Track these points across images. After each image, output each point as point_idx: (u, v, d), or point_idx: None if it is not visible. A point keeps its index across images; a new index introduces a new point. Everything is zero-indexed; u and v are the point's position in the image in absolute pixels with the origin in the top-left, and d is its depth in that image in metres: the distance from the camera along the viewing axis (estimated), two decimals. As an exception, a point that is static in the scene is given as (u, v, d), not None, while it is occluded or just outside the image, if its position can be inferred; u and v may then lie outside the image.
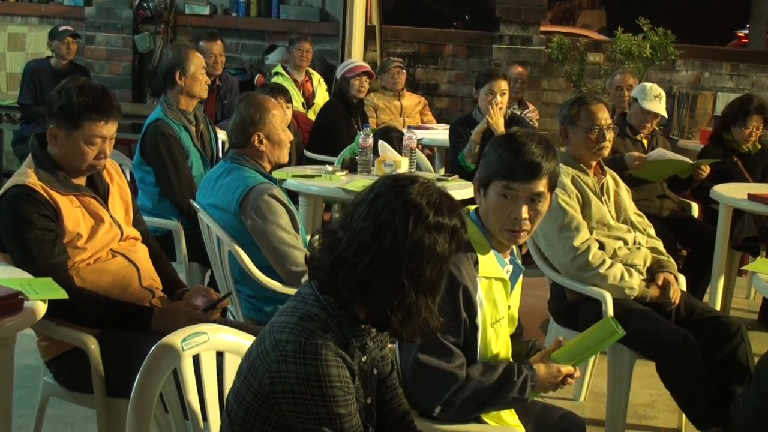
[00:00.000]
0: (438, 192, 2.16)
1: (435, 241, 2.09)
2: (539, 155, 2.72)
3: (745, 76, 9.32)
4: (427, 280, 2.10)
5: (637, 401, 4.68)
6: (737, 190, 5.45)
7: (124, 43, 9.41)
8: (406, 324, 2.12)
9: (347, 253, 2.11)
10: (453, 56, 9.53)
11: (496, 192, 2.74)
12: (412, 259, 2.07)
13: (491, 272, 2.75)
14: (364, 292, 2.09)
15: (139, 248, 3.45)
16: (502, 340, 2.81)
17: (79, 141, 3.19)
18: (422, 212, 2.09)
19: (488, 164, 2.77)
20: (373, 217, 2.11)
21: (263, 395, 2.07)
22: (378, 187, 2.17)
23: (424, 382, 2.61)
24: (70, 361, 3.22)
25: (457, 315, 2.63)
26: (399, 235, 2.07)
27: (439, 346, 2.61)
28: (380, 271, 2.08)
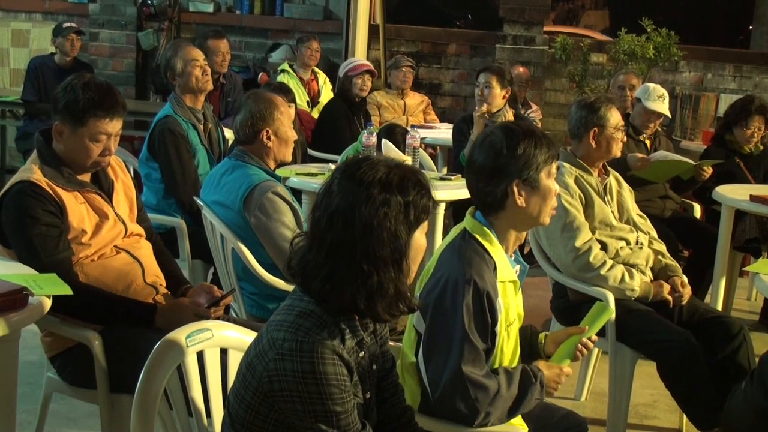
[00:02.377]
0: (386, 167, 2.15)
1: (385, 219, 2.09)
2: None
3: (748, 77, 9.33)
4: (385, 258, 2.11)
5: (638, 401, 4.69)
6: (739, 192, 5.45)
7: (127, 40, 9.41)
8: (373, 305, 2.13)
9: (310, 248, 2.14)
10: (456, 56, 9.54)
11: (548, 176, 2.77)
12: (364, 241, 2.09)
13: (507, 276, 2.78)
14: (331, 282, 2.11)
15: (143, 245, 3.46)
16: (513, 341, 2.82)
17: (84, 138, 3.20)
18: (369, 191, 2.10)
19: (524, 159, 2.72)
20: (326, 207, 2.13)
21: (262, 393, 2.08)
22: (332, 176, 2.19)
23: (466, 395, 2.62)
24: (74, 357, 3.23)
25: (485, 321, 2.66)
26: (348, 220, 2.09)
27: (477, 356, 2.63)
28: (338, 259, 2.10)
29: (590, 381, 4.76)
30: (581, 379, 4.75)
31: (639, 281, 3.99)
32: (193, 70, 5.02)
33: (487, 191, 2.76)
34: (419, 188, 2.17)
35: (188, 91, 5.04)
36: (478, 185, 2.79)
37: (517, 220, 2.80)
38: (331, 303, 2.13)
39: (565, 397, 4.69)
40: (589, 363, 4.72)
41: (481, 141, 2.79)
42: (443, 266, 2.73)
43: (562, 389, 4.60)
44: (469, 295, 2.62)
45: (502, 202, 2.75)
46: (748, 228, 5.94)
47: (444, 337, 2.65)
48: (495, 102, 6.21)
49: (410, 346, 2.79)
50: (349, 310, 2.15)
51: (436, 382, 2.65)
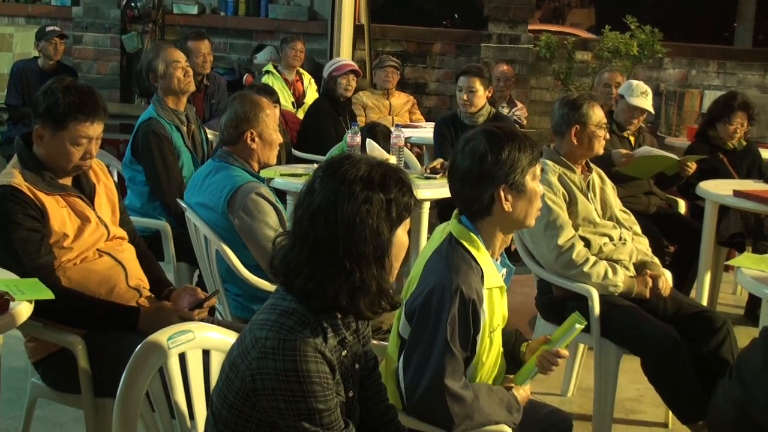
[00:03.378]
0: (368, 164, 2.16)
1: (367, 216, 2.10)
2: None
3: (732, 73, 9.37)
4: (367, 255, 2.11)
5: (624, 396, 4.70)
6: (723, 187, 5.48)
7: (111, 43, 9.39)
8: (356, 302, 2.13)
9: (293, 246, 2.15)
10: (442, 55, 9.56)
11: (533, 179, 2.77)
12: (346, 238, 2.09)
13: (494, 282, 2.77)
14: (314, 280, 2.11)
15: (125, 248, 3.46)
16: (495, 348, 2.82)
17: (65, 141, 3.20)
18: (351, 188, 2.10)
19: (509, 164, 2.71)
20: (308, 205, 2.14)
21: (245, 393, 2.08)
22: (314, 174, 2.20)
23: (444, 406, 2.62)
24: (58, 361, 3.22)
25: (468, 331, 2.65)
26: (330, 217, 2.10)
27: (456, 367, 2.62)
28: (321, 257, 2.11)
29: (576, 377, 4.77)
30: (567, 375, 4.77)
31: (622, 277, 4.00)
32: (174, 72, 5.01)
33: (472, 198, 2.74)
34: (401, 186, 2.18)
35: (171, 93, 5.03)
36: (463, 192, 2.77)
37: (503, 224, 2.79)
38: (314, 301, 2.13)
39: (552, 393, 4.71)
40: (575, 359, 4.73)
41: (463, 146, 2.77)
42: (431, 273, 2.71)
43: (548, 385, 4.65)
44: (455, 306, 2.61)
45: (488, 208, 2.74)
46: (732, 223, 5.96)
47: (425, 345, 2.64)
48: (479, 103, 6.22)
49: (395, 351, 2.78)
50: (331, 307, 2.15)
51: (412, 388, 2.66)
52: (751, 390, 2.47)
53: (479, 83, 6.20)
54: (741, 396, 2.49)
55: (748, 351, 2.56)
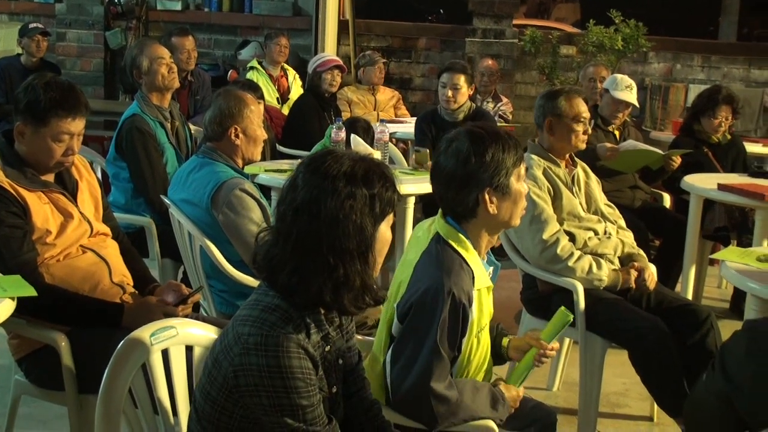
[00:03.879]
0: (351, 160, 2.15)
1: (350, 211, 2.09)
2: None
3: (717, 67, 9.41)
4: (351, 251, 2.11)
5: (609, 390, 4.71)
6: (707, 181, 5.49)
7: (95, 40, 9.35)
8: (340, 297, 2.13)
9: (276, 242, 2.15)
10: (426, 50, 9.56)
11: (518, 179, 2.75)
12: (330, 234, 2.09)
13: (483, 283, 2.76)
14: (298, 276, 2.10)
15: (109, 244, 3.44)
16: (482, 347, 2.81)
17: (47, 138, 3.18)
18: (334, 184, 2.10)
19: (493, 166, 2.68)
20: (291, 201, 2.13)
21: (228, 389, 2.08)
22: (297, 170, 2.19)
23: (428, 407, 2.61)
24: (41, 358, 3.20)
25: (456, 331, 2.64)
26: (314, 213, 2.09)
27: (443, 369, 2.62)
28: (305, 252, 2.10)
29: (562, 371, 4.78)
30: (553, 369, 4.77)
31: (607, 271, 4.01)
32: (159, 68, 5.00)
33: (457, 201, 2.72)
34: (384, 181, 2.17)
35: (155, 90, 5.01)
36: (447, 194, 2.74)
37: (488, 226, 2.78)
38: (298, 297, 2.12)
39: (538, 387, 4.72)
40: (561, 353, 4.73)
41: (447, 147, 2.73)
42: (422, 275, 2.69)
43: (534, 380, 4.65)
44: (446, 309, 2.60)
45: (473, 210, 2.72)
46: (717, 217, 5.98)
47: (414, 345, 2.63)
48: (462, 100, 6.22)
49: (380, 349, 2.77)
50: (315, 303, 2.14)
51: (398, 384, 2.66)
52: (735, 381, 2.47)
53: (464, 80, 6.20)
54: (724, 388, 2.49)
55: (730, 342, 2.56)
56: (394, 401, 2.66)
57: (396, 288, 2.75)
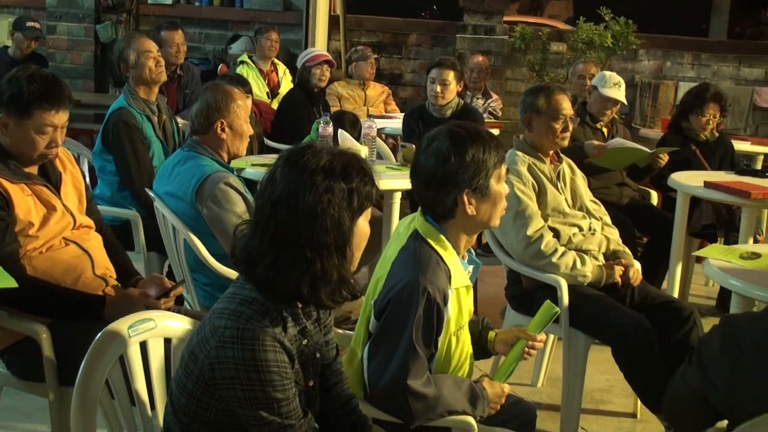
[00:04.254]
0: (330, 154, 2.16)
1: (328, 205, 2.10)
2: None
3: (707, 65, 9.42)
4: (328, 245, 2.11)
5: (593, 386, 4.73)
6: (694, 178, 5.50)
7: (86, 33, 9.34)
8: (317, 291, 2.13)
9: (254, 235, 2.15)
10: (417, 46, 9.56)
11: (498, 180, 2.74)
12: (308, 228, 2.09)
13: (460, 282, 2.75)
14: (275, 270, 2.11)
15: (92, 236, 3.43)
16: (462, 345, 2.80)
17: (30, 130, 3.17)
18: (312, 178, 2.10)
19: (473, 167, 2.67)
20: (269, 195, 2.13)
21: (204, 382, 2.08)
22: (275, 163, 2.19)
23: (405, 404, 2.61)
24: (22, 350, 3.19)
25: (431, 329, 2.63)
26: (292, 206, 2.09)
27: (420, 366, 2.61)
28: (282, 246, 2.11)
29: (546, 367, 4.79)
30: (537, 366, 4.79)
31: (591, 267, 4.01)
32: (146, 62, 4.99)
33: (435, 201, 2.71)
34: (362, 175, 2.17)
35: (142, 83, 5.01)
36: (426, 194, 2.73)
37: (466, 227, 2.77)
38: (275, 290, 2.12)
39: (522, 383, 4.73)
40: (545, 349, 4.75)
41: (427, 146, 2.72)
42: (399, 272, 2.68)
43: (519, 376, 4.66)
44: (421, 307, 2.59)
45: (451, 211, 2.71)
46: (704, 214, 5.98)
47: (390, 342, 2.62)
48: (450, 96, 6.21)
49: (359, 345, 2.77)
50: (292, 297, 2.15)
51: (375, 381, 2.65)
52: (710, 376, 2.47)
53: (453, 76, 6.20)
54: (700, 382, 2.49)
55: (707, 337, 2.57)
56: (371, 397, 2.66)
57: (374, 284, 2.74)
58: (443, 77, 6.17)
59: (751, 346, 2.38)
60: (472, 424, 2.65)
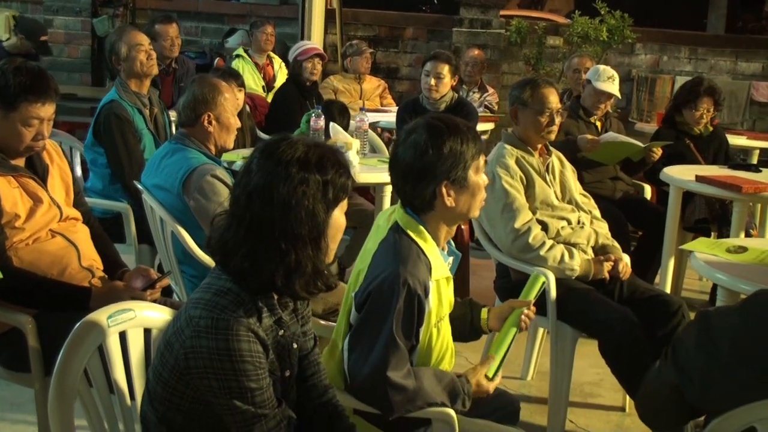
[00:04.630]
0: (305, 146, 2.16)
1: (303, 197, 2.10)
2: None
3: (703, 59, 9.42)
4: (303, 236, 2.12)
5: (583, 380, 4.74)
6: (686, 172, 5.50)
7: (82, 27, 9.34)
8: (291, 282, 2.14)
9: (230, 226, 2.16)
10: (413, 39, 9.57)
11: (477, 172, 2.73)
12: (282, 219, 2.10)
13: (441, 274, 2.75)
14: (250, 260, 2.12)
15: (79, 228, 3.45)
16: (442, 337, 2.80)
17: (17, 123, 3.18)
18: (287, 169, 2.11)
19: (451, 159, 2.67)
20: (245, 185, 2.15)
21: (179, 371, 2.09)
22: (252, 155, 2.20)
23: (384, 396, 2.60)
24: (8, 341, 3.21)
25: (411, 321, 2.63)
26: (266, 198, 2.10)
27: (400, 358, 2.60)
28: (257, 237, 2.11)
29: (536, 360, 4.80)
30: (527, 359, 4.79)
31: (579, 261, 4.02)
32: (137, 55, 5.00)
33: (414, 193, 2.71)
34: (338, 167, 2.18)
35: (133, 76, 5.03)
36: (404, 187, 2.72)
37: (446, 218, 2.77)
38: (250, 281, 2.13)
39: (512, 376, 4.74)
40: (535, 342, 4.76)
41: (405, 138, 2.72)
42: (379, 265, 2.68)
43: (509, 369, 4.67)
44: (401, 299, 2.59)
45: (430, 203, 2.71)
46: (697, 208, 5.99)
47: (370, 334, 2.62)
48: (444, 90, 6.22)
49: (340, 336, 2.78)
50: (267, 287, 2.16)
51: (354, 373, 2.66)
52: (686, 372, 2.48)
53: (447, 70, 6.21)
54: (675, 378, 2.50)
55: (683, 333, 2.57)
56: (351, 388, 2.67)
57: (355, 276, 2.75)
58: (438, 70, 6.18)
59: (725, 341, 2.38)
60: (452, 416, 2.66)
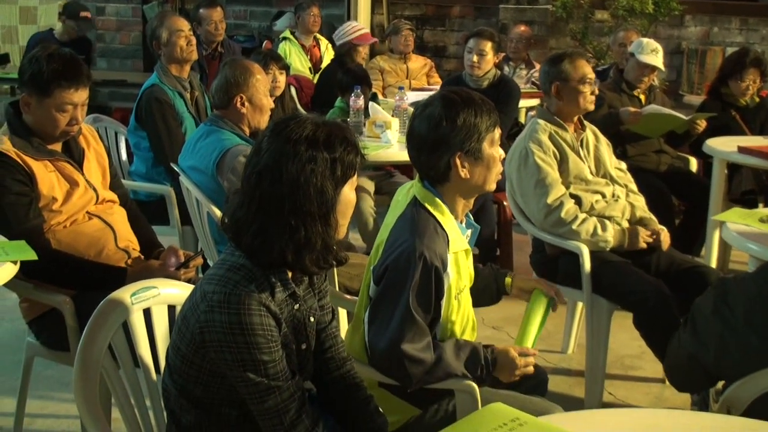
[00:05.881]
0: (314, 124, 2.20)
1: (311, 175, 2.14)
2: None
3: (755, 30, 9.25)
4: (312, 213, 2.16)
5: (625, 353, 4.74)
6: (729, 144, 5.45)
7: (133, 14, 9.50)
8: (301, 258, 2.18)
9: (242, 204, 2.21)
10: (460, 18, 9.55)
11: (491, 144, 2.74)
12: (291, 197, 2.14)
13: (459, 246, 2.78)
14: (261, 237, 2.16)
15: (116, 210, 3.54)
16: (463, 309, 2.83)
17: (51, 108, 3.27)
18: (295, 148, 2.15)
19: (465, 130, 2.68)
20: (255, 164, 2.19)
21: (195, 345, 2.15)
22: (262, 134, 2.25)
23: (402, 368, 2.64)
24: (49, 321, 3.32)
25: (429, 294, 2.66)
26: (275, 176, 2.14)
27: (417, 331, 2.64)
28: (267, 214, 2.16)
29: (576, 334, 4.81)
30: (567, 332, 4.81)
31: (612, 232, 4.02)
32: (177, 40, 5.09)
33: (429, 165, 2.74)
34: (346, 145, 2.22)
35: (173, 61, 5.12)
36: (420, 158, 2.76)
37: (461, 190, 2.79)
38: (261, 257, 2.19)
39: (552, 350, 4.77)
40: (574, 316, 4.76)
41: (421, 111, 2.75)
42: (397, 239, 2.71)
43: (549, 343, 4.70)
44: (417, 272, 2.62)
45: (445, 174, 2.73)
46: (744, 180, 5.93)
47: (388, 308, 2.66)
48: (487, 67, 6.22)
49: (362, 310, 2.82)
50: (278, 263, 2.21)
51: (373, 347, 2.70)
52: (701, 338, 2.49)
53: (490, 47, 6.19)
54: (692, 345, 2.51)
55: (701, 300, 2.58)
56: (371, 361, 2.72)
57: (375, 251, 2.79)
58: (480, 47, 6.18)
59: (740, 308, 2.39)
60: (474, 387, 2.69)
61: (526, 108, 7.41)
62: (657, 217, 4.28)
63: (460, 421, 2.19)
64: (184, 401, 2.23)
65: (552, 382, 3.59)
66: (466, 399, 2.70)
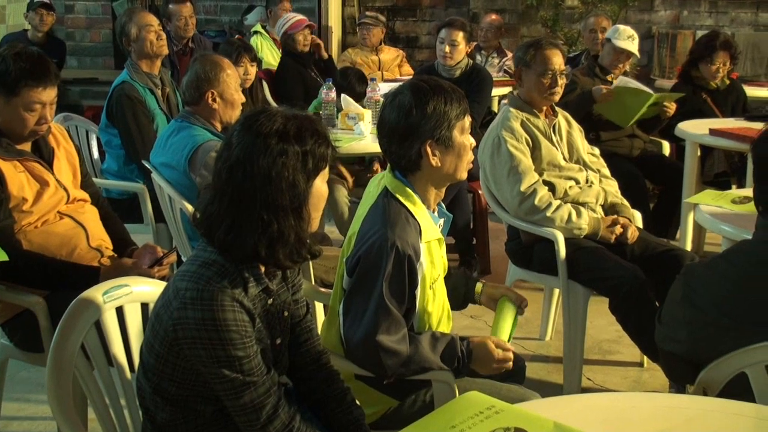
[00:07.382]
0: (284, 117, 2.18)
1: (282, 168, 2.13)
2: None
3: (724, 12, 9.29)
4: (284, 207, 2.15)
5: (602, 337, 4.76)
6: (701, 126, 5.47)
7: (103, 11, 9.43)
8: (275, 252, 2.17)
9: (213, 200, 2.19)
10: (431, 7, 9.54)
11: (462, 132, 2.73)
12: (263, 191, 2.13)
13: (431, 236, 2.77)
14: (234, 232, 2.15)
15: (87, 210, 3.51)
16: (438, 299, 2.83)
17: (19, 108, 3.24)
18: (266, 141, 2.13)
19: (435, 118, 2.68)
20: (225, 159, 2.18)
21: (168, 342, 2.14)
22: (232, 128, 2.23)
23: (377, 360, 2.63)
24: (22, 322, 3.29)
25: (402, 284, 2.65)
26: (247, 170, 2.13)
27: (392, 322, 2.62)
28: (239, 209, 2.15)
29: (554, 321, 4.82)
30: (544, 319, 4.82)
31: (587, 219, 4.03)
32: (147, 35, 5.06)
33: (400, 153, 2.72)
34: (316, 137, 2.21)
35: (144, 57, 5.08)
36: (390, 147, 2.74)
37: (433, 179, 2.78)
38: (234, 252, 2.17)
39: (530, 337, 4.78)
40: (551, 303, 4.77)
41: (391, 101, 2.74)
42: (368, 230, 2.70)
43: (527, 330, 4.70)
44: (390, 263, 2.61)
45: (416, 163, 2.72)
46: (716, 162, 5.96)
47: (361, 300, 2.65)
48: (459, 57, 6.22)
49: (336, 302, 2.81)
50: (251, 258, 2.19)
51: (349, 338, 2.68)
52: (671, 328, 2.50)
53: (461, 37, 6.20)
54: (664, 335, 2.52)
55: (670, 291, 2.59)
56: (347, 353, 2.71)
57: (348, 242, 2.78)
58: (452, 38, 6.18)
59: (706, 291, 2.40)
60: (451, 377, 2.69)
61: (499, 96, 7.41)
62: (630, 202, 4.29)
63: (437, 411, 2.18)
64: (159, 399, 2.22)
65: (530, 369, 3.61)
66: (444, 389, 2.70)
